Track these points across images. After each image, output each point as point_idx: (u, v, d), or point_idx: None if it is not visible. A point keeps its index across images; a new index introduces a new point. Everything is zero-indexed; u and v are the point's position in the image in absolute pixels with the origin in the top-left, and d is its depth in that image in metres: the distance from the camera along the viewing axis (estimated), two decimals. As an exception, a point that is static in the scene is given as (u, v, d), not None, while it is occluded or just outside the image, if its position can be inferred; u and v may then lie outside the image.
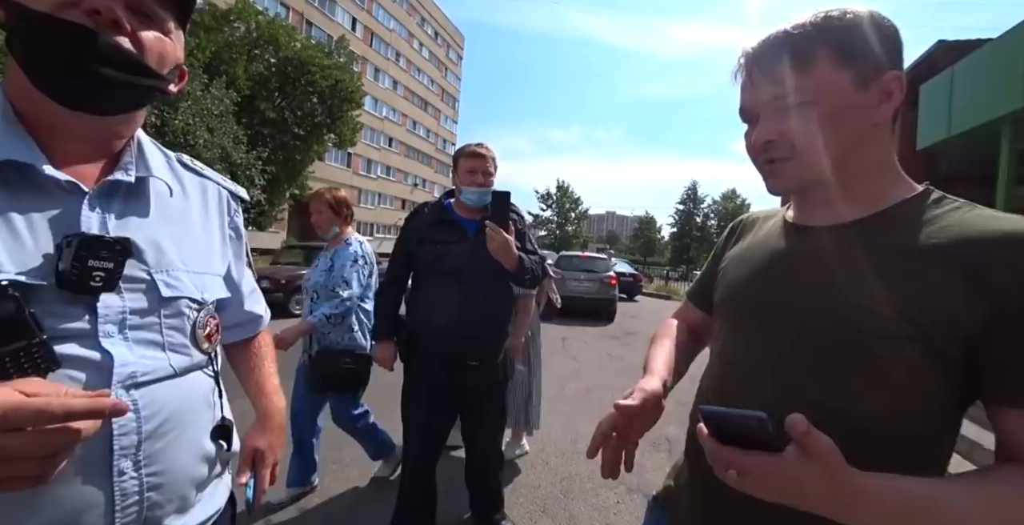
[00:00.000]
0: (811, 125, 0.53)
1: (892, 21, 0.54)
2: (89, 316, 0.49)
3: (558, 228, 40.85)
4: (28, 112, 0.51)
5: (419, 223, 1.69)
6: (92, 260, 0.48)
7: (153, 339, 0.54)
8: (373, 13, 32.72)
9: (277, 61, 14.29)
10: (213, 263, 0.66)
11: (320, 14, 27.32)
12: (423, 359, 1.66)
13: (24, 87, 0.49)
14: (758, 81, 0.56)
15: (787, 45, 0.53)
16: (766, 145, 0.57)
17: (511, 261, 1.48)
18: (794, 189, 0.61)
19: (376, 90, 32.83)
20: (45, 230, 0.48)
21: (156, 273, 0.55)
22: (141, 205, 0.57)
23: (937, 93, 6.00)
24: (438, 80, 43.84)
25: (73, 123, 0.52)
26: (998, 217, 0.50)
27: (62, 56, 0.48)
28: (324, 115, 15.73)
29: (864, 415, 0.50)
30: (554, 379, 4.49)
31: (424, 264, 1.64)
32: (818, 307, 0.54)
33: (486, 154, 1.64)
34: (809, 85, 0.52)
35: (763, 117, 0.57)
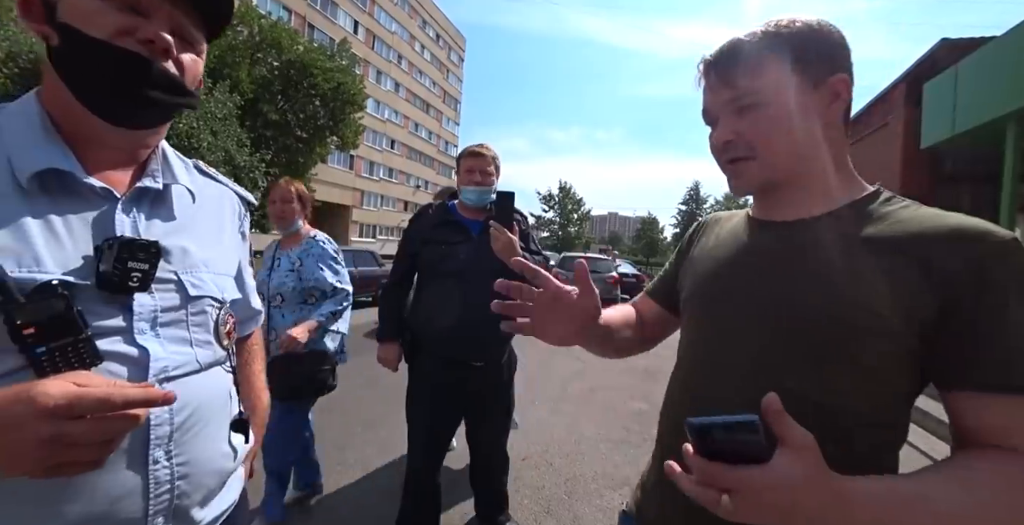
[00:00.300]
0: (766, 125, 0.57)
1: (839, 28, 0.58)
2: (124, 314, 0.52)
3: (560, 229, 40.87)
4: (65, 122, 0.54)
5: (423, 224, 1.69)
6: (131, 262, 0.51)
7: (181, 336, 0.58)
8: (375, 16, 32.85)
9: (280, 64, 14.37)
10: (229, 265, 0.69)
11: (322, 17, 27.45)
12: (427, 360, 1.66)
13: (64, 100, 0.52)
14: (715, 85, 0.60)
15: (740, 51, 0.57)
16: (725, 145, 0.60)
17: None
18: (756, 188, 0.63)
19: (378, 92, 32.93)
20: (82, 233, 0.51)
21: (182, 274, 0.59)
22: (166, 210, 0.60)
23: (941, 91, 5.97)
24: (440, 82, 43.95)
25: (109, 135, 0.55)
26: (945, 214, 0.53)
27: (117, 81, 0.51)
28: (327, 118, 15.80)
29: (836, 403, 0.52)
30: (557, 379, 4.48)
31: (428, 265, 1.64)
32: (789, 299, 0.56)
33: (485, 153, 1.64)
34: (761, 87, 0.56)
35: (722, 119, 0.61)
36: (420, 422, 1.67)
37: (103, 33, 0.50)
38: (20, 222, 0.47)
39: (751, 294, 0.60)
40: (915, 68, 7.11)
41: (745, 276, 0.62)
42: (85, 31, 0.49)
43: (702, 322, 0.67)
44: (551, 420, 3.39)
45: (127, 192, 0.56)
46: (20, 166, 0.49)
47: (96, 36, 0.49)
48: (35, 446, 0.39)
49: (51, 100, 0.54)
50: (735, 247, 0.66)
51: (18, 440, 0.39)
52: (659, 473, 0.66)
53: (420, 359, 1.68)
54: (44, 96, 0.54)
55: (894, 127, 7.64)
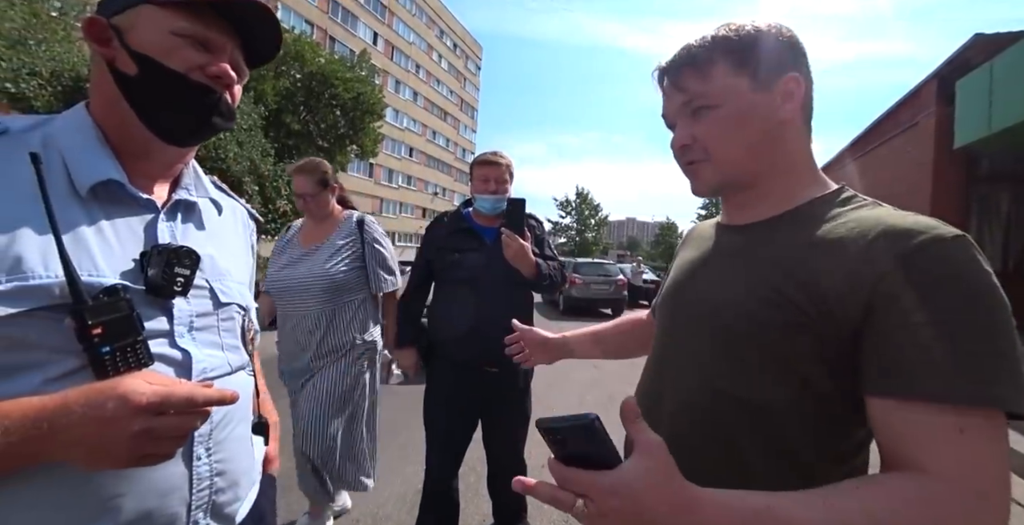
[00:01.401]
0: (718, 126, 0.58)
1: (790, 30, 0.59)
2: (166, 318, 0.56)
3: (578, 235, 40.65)
4: (115, 136, 0.57)
5: (438, 232, 1.72)
6: (177, 267, 0.55)
7: (213, 340, 0.61)
8: (394, 27, 33.62)
9: (302, 76, 14.80)
10: (246, 275, 0.73)
11: (343, 30, 28.24)
12: (442, 366, 1.67)
13: (118, 116, 0.56)
14: (668, 90, 0.62)
15: (689, 57, 0.59)
16: (682, 149, 0.62)
17: (528, 267, 1.49)
18: (714, 189, 0.63)
19: (397, 101, 33.58)
20: (129, 240, 0.55)
21: (212, 281, 0.62)
22: (196, 221, 0.65)
23: (976, 89, 5.73)
24: (457, 90, 44.56)
25: (156, 150, 0.59)
26: (891, 214, 0.52)
27: (190, 109, 0.57)
28: (347, 127, 16.16)
29: (766, 403, 0.53)
30: (575, 388, 4.43)
31: (442, 272, 1.67)
32: (724, 300, 0.58)
33: (500, 162, 1.66)
34: (711, 90, 0.58)
35: (678, 123, 0.62)
36: (437, 427, 1.67)
37: (181, 67, 0.55)
38: (80, 229, 0.50)
39: (692, 297, 0.63)
40: (946, 65, 6.84)
41: (693, 280, 0.66)
42: (165, 64, 0.54)
43: (660, 326, 0.71)
44: (569, 427, 3.34)
45: (166, 203, 0.60)
46: (79, 176, 0.52)
47: (175, 69, 0.55)
48: (127, 439, 0.43)
49: (104, 115, 0.57)
50: (699, 253, 0.69)
51: (112, 434, 0.42)
52: None
53: (436, 364, 1.69)
54: (95, 111, 0.57)
55: (925, 126, 7.36)
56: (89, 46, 0.56)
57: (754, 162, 0.59)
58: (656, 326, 0.73)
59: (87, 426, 0.42)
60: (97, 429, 0.42)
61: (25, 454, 0.42)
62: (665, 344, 0.67)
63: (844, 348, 0.49)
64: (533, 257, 1.51)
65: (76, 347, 0.46)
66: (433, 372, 1.72)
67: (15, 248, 0.45)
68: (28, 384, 0.45)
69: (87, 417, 0.42)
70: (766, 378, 0.53)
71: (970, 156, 6.68)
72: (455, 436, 1.69)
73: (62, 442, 0.42)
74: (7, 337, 0.44)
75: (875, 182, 8.79)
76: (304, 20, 25.30)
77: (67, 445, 0.43)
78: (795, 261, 0.53)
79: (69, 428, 0.42)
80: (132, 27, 0.54)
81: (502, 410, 1.72)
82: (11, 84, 6.50)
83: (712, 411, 0.56)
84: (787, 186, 0.60)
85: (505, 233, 1.44)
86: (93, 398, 0.43)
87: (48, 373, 0.46)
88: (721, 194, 0.65)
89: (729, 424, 0.55)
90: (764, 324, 0.53)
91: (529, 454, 1.83)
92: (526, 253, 1.46)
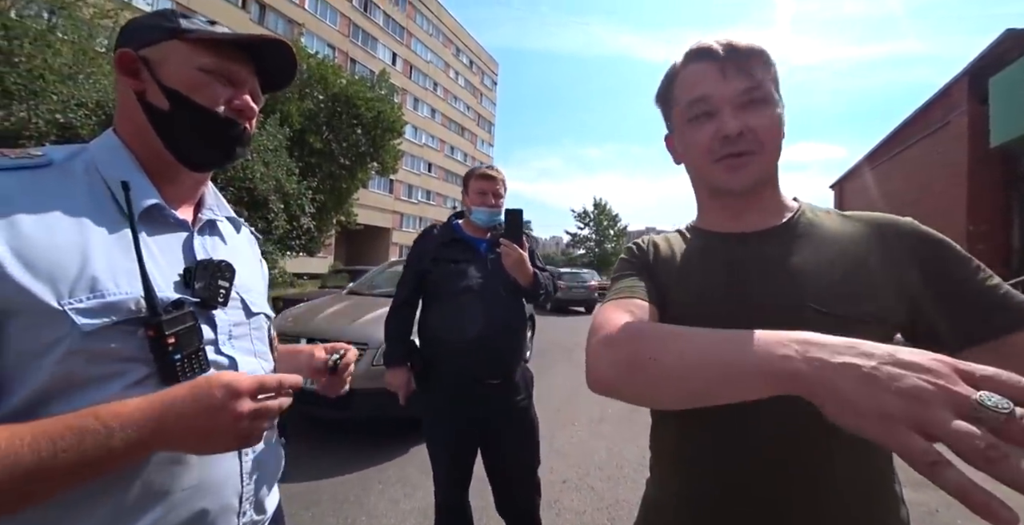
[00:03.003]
0: (771, 122, 0.60)
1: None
2: (210, 327, 0.59)
3: (597, 246, 40.37)
4: (147, 162, 0.60)
5: (429, 244, 1.69)
6: (220, 280, 0.60)
7: (248, 347, 0.65)
8: (411, 47, 34.69)
9: (325, 98, 15.38)
10: (263, 286, 0.76)
11: (363, 51, 29.30)
12: (441, 381, 1.61)
13: (150, 145, 0.60)
14: (731, 73, 0.58)
15: (755, 48, 0.60)
16: (736, 138, 0.59)
17: (526, 277, 1.50)
18: (753, 185, 0.62)
19: (416, 119, 34.44)
20: (172, 257, 0.59)
21: (242, 292, 0.66)
22: (218, 238, 0.68)
23: (1011, 85, 5.51)
24: (474, 106, 45.42)
25: (183, 175, 0.63)
26: (863, 213, 0.64)
27: (217, 141, 0.62)
28: (368, 145, 16.62)
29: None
30: (595, 400, 4.35)
31: (438, 284, 1.63)
32: (797, 303, 0.57)
33: (496, 176, 1.68)
34: (770, 85, 0.60)
35: (727, 110, 0.59)
36: (440, 446, 1.61)
37: (210, 103, 0.59)
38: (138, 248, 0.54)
39: (748, 305, 0.59)
40: (978, 62, 6.61)
41: (735, 289, 0.61)
42: (196, 100, 0.58)
43: None
44: (591, 442, 3.28)
45: (196, 222, 0.64)
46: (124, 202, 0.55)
47: (204, 105, 0.59)
48: (235, 421, 0.49)
49: (134, 142, 0.60)
50: (710, 263, 0.65)
51: (223, 417, 0.48)
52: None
53: (433, 380, 1.62)
54: (125, 137, 0.60)
55: (957, 126, 7.10)
56: (117, 77, 0.59)
57: (776, 169, 0.64)
58: None
59: (199, 414, 0.47)
60: (208, 415, 0.48)
61: (140, 446, 0.46)
62: None
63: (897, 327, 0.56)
64: (531, 267, 1.51)
65: (147, 356, 0.50)
66: (430, 388, 1.64)
67: (90, 268, 0.49)
68: (108, 393, 0.48)
69: (199, 405, 0.48)
70: None
71: (1007, 155, 6.38)
72: (461, 454, 1.62)
73: (176, 433, 0.47)
74: (90, 350, 0.47)
75: (905, 186, 8.47)
76: (326, 44, 26.37)
77: (181, 434, 0.47)
78: (843, 260, 0.58)
79: (182, 418, 0.47)
80: (163, 62, 0.57)
81: (507, 424, 1.63)
82: (60, 115, 6.97)
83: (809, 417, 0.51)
84: (777, 197, 0.67)
85: (504, 243, 1.44)
86: (199, 389, 0.49)
87: (124, 382, 0.49)
88: (749, 194, 0.63)
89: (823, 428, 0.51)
90: (850, 318, 0.53)
91: (552, 469, 1.79)
92: (525, 263, 1.46)
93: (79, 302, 0.47)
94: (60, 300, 0.46)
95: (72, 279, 0.47)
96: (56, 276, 0.46)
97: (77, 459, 0.42)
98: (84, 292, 0.48)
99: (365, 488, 2.29)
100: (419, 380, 1.65)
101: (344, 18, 27.94)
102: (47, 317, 0.45)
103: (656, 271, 0.69)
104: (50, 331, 0.45)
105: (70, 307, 0.46)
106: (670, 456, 0.68)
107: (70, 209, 0.50)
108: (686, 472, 0.64)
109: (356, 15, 28.88)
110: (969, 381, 0.30)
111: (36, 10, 7.42)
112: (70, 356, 0.46)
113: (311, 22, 25.41)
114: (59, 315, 0.46)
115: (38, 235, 0.46)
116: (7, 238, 0.45)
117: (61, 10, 7.57)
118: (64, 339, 0.46)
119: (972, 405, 0.28)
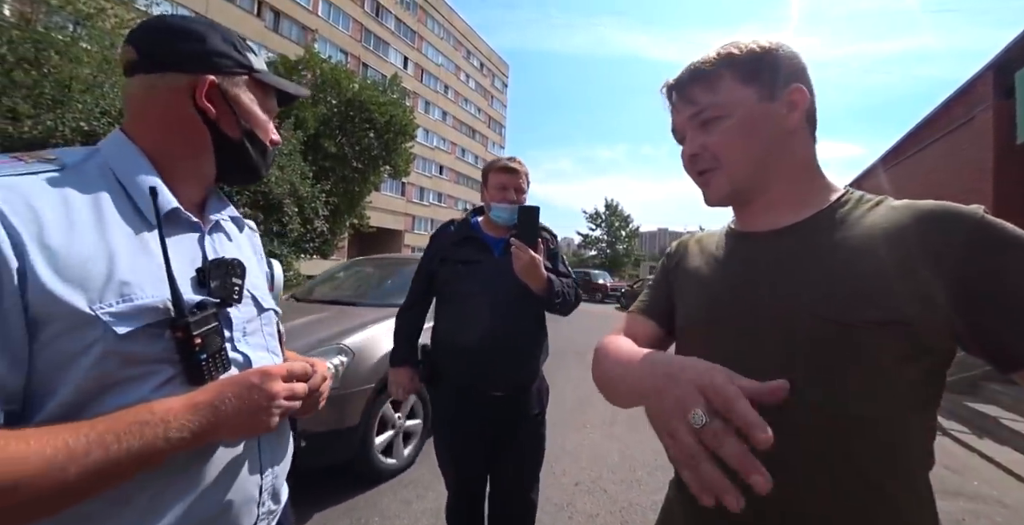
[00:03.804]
0: (727, 135, 0.60)
1: (790, 46, 0.62)
2: (226, 326, 0.60)
3: (608, 247, 40.13)
4: (162, 164, 0.60)
5: (443, 242, 1.55)
6: (234, 278, 0.62)
7: (260, 342, 0.66)
8: (423, 51, 35.00)
9: (339, 102, 15.60)
10: (264, 282, 0.77)
11: (375, 56, 29.67)
12: (446, 389, 1.50)
13: (190, 157, 0.62)
14: (678, 105, 0.65)
15: (698, 72, 0.62)
16: (692, 159, 0.64)
17: (539, 282, 1.33)
18: (726, 197, 0.64)
19: (427, 122, 34.71)
20: (187, 257, 0.59)
21: (252, 289, 0.67)
22: (224, 236, 0.69)
23: (1036, 80, 5.33)
24: (484, 108, 45.60)
25: (198, 178, 0.65)
26: (919, 202, 0.55)
27: (260, 168, 0.69)
28: (380, 148, 16.81)
29: (863, 412, 0.51)
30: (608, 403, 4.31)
31: (444, 285, 1.50)
32: (796, 308, 0.55)
33: (519, 169, 1.50)
34: (719, 101, 0.60)
35: (688, 135, 0.64)
36: (447, 459, 1.52)
37: (266, 139, 0.67)
38: (157, 251, 0.55)
39: (753, 310, 0.59)
40: (1002, 56, 6.40)
41: (743, 292, 0.61)
42: (260, 138, 0.66)
43: (708, 345, 0.63)
44: (604, 445, 3.25)
45: (205, 222, 0.65)
46: (147, 206, 0.55)
47: (264, 142, 0.67)
48: (272, 402, 0.55)
49: (155, 147, 0.59)
50: (723, 265, 0.67)
51: (262, 400, 0.54)
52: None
53: (440, 390, 1.53)
54: (144, 142, 0.59)
55: (981, 122, 6.88)
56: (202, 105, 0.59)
57: (763, 170, 0.61)
58: (698, 344, 0.67)
59: (243, 400, 0.53)
60: (251, 399, 0.53)
61: (195, 435, 0.49)
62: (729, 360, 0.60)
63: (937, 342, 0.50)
64: (545, 272, 1.35)
65: (172, 357, 0.52)
66: (438, 399, 1.55)
67: (117, 272, 0.49)
68: (139, 394, 0.49)
69: (242, 392, 0.53)
70: (861, 385, 0.51)
71: (1036, 152, 6.16)
72: (468, 466, 1.51)
73: (229, 420, 0.52)
74: (123, 353, 0.48)
75: (927, 184, 8.25)
76: (339, 49, 26.78)
77: (232, 421, 0.52)
78: (859, 258, 0.53)
79: (230, 401, 0.52)
80: (238, 98, 0.62)
81: (510, 441, 1.50)
82: (85, 123, 7.20)
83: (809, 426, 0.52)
84: (805, 191, 0.62)
85: (515, 244, 1.30)
86: (238, 379, 0.55)
87: (153, 383, 0.51)
88: (734, 202, 0.66)
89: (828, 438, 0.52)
90: (852, 326, 0.50)
91: (564, 471, 1.78)
92: (537, 266, 1.31)
93: (110, 306, 0.48)
94: (92, 305, 0.47)
95: (101, 284, 0.48)
96: (86, 281, 0.47)
97: (139, 451, 0.45)
98: (114, 296, 0.48)
99: (377, 489, 2.30)
100: (428, 383, 1.57)
101: (356, 23, 28.34)
102: (80, 323, 0.46)
103: (677, 275, 0.74)
104: (84, 336, 0.46)
105: (102, 312, 0.47)
106: None
107: (90, 213, 0.51)
108: None
109: (368, 20, 29.26)
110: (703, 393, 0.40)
111: (61, 21, 7.68)
112: (104, 359, 0.47)
113: (324, 28, 25.83)
114: (92, 320, 0.46)
115: (65, 241, 0.47)
116: (37, 246, 0.45)
117: (85, 21, 7.83)
118: (98, 343, 0.47)
119: (688, 420, 0.38)
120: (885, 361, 0.50)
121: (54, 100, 7.10)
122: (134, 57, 0.58)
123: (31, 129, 6.75)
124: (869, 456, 0.51)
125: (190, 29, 0.60)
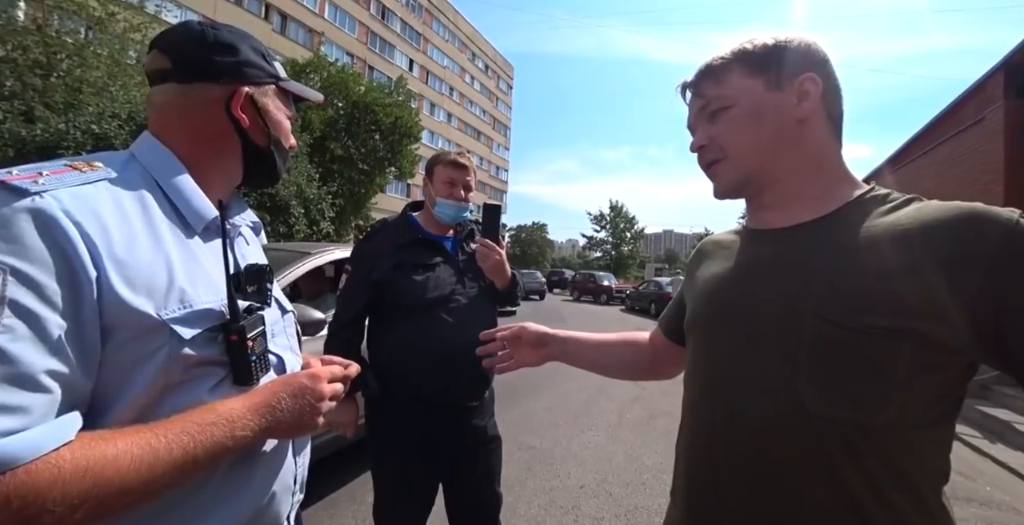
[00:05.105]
0: (732, 125, 0.60)
1: (805, 38, 0.60)
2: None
3: (613, 249, 40.02)
4: (197, 172, 0.60)
5: (385, 245, 1.36)
6: (266, 283, 0.64)
7: (285, 344, 0.69)
8: (428, 53, 35.19)
9: (345, 105, 15.70)
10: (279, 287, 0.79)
11: (381, 59, 29.86)
12: (400, 409, 1.30)
13: (219, 163, 0.63)
14: (690, 100, 0.66)
15: (707, 67, 0.63)
16: (700, 150, 0.64)
17: (505, 280, 1.33)
18: (734, 187, 0.63)
19: (432, 124, 34.85)
20: (218, 262, 0.60)
21: (272, 292, 0.68)
22: (244, 241, 0.71)
23: (1048, 79, 5.25)
24: (490, 110, 45.72)
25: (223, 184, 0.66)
26: (942, 203, 0.51)
27: (281, 173, 0.71)
28: (386, 150, 16.90)
29: (868, 421, 0.48)
30: (615, 405, 4.29)
31: (404, 294, 1.29)
32: (800, 308, 0.52)
33: (468, 166, 1.41)
34: (724, 92, 0.60)
35: (698, 128, 0.65)
36: (390, 486, 1.31)
37: (289, 147, 0.70)
38: (204, 257, 0.57)
39: (755, 307, 0.57)
40: (1015, 54, 6.32)
41: (746, 289, 0.59)
42: (285, 146, 0.69)
43: (709, 343, 0.62)
44: (609, 447, 3.23)
45: (230, 226, 0.65)
46: (190, 213, 0.57)
47: (287, 149, 0.70)
48: (319, 402, 0.58)
49: (187, 152, 0.59)
50: (732, 261, 0.65)
51: (311, 401, 0.57)
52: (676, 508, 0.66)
53: (389, 409, 1.32)
54: (179, 148, 0.59)
55: (993, 121, 6.80)
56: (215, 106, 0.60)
57: (772, 159, 0.59)
58: (699, 344, 0.66)
59: (296, 400, 0.55)
60: (303, 400, 0.56)
61: (256, 434, 0.51)
62: (723, 363, 0.60)
63: (953, 347, 0.47)
64: (509, 268, 1.35)
65: (223, 359, 0.54)
66: (386, 418, 1.33)
67: (177, 279, 0.51)
68: (196, 396, 0.51)
69: (295, 393, 0.56)
70: (863, 391, 0.48)
71: (1048, 152, 6.07)
72: (421, 491, 1.32)
73: (284, 419, 0.54)
74: (186, 356, 0.50)
75: (937, 186, 8.16)
76: (345, 52, 26.97)
77: (288, 421, 0.54)
78: (874, 260, 0.50)
79: (285, 401, 0.54)
80: (267, 107, 0.64)
81: (474, 459, 1.36)
82: (95, 125, 7.31)
83: (807, 434, 0.51)
84: (821, 186, 0.59)
85: (483, 242, 1.27)
86: (290, 381, 0.57)
87: (208, 384, 0.53)
88: (744, 194, 0.64)
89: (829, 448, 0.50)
90: (859, 330, 0.48)
91: (569, 474, 1.75)
92: (504, 264, 1.31)
93: (174, 312, 0.49)
94: (159, 312, 0.48)
95: (164, 290, 0.49)
96: (152, 289, 0.48)
97: (212, 450, 0.47)
98: (176, 303, 0.50)
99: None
100: (373, 407, 1.37)
101: (362, 26, 28.55)
102: (149, 329, 0.47)
103: (695, 275, 0.75)
104: (151, 342, 0.48)
105: (168, 318, 0.49)
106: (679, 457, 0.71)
107: (143, 220, 0.51)
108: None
109: (374, 23, 29.47)
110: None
111: (72, 26, 7.80)
112: (169, 363, 0.49)
113: (330, 31, 26.05)
114: (160, 326, 0.48)
115: (130, 249, 0.48)
116: (109, 256, 0.46)
117: (96, 25, 7.94)
118: (163, 348, 0.48)
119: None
120: (893, 370, 0.47)
121: (65, 103, 7.20)
122: (167, 66, 0.58)
123: (43, 132, 6.86)
124: (874, 469, 0.48)
125: (224, 40, 0.60)
